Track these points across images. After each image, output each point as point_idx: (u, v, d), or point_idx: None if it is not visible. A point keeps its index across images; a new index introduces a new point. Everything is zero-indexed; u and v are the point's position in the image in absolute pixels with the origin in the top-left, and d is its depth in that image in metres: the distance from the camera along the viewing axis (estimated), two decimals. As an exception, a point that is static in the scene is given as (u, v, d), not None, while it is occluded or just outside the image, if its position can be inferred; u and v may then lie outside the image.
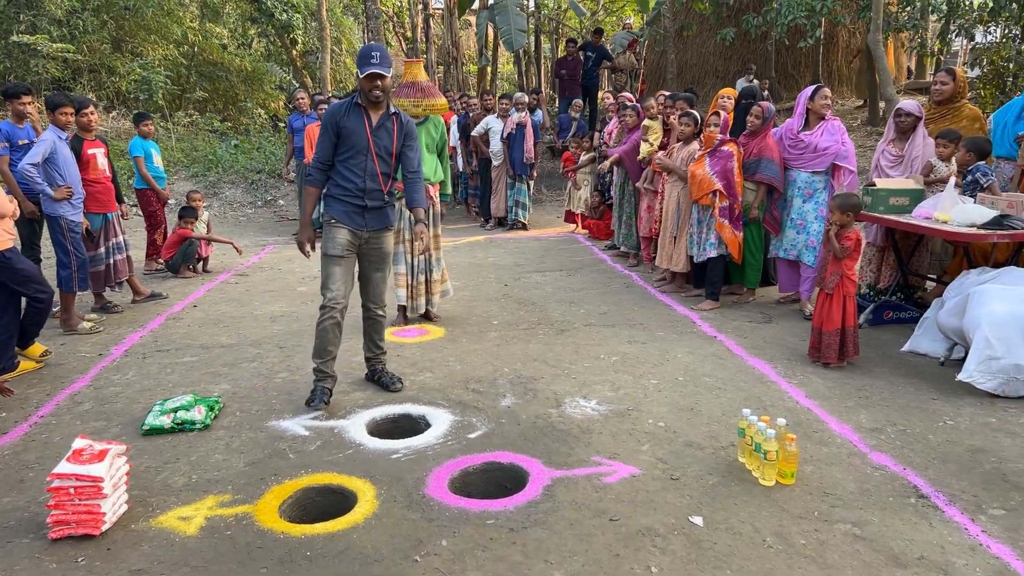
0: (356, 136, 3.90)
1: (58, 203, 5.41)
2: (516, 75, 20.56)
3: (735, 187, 5.82)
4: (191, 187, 12.66)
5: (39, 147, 5.26)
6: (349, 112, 3.92)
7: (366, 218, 4.04)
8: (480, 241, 9.41)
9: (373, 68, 3.78)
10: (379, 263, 4.21)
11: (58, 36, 15.81)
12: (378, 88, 3.84)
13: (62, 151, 5.43)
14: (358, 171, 3.94)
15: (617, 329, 5.49)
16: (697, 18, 14.72)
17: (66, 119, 5.51)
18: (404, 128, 4.06)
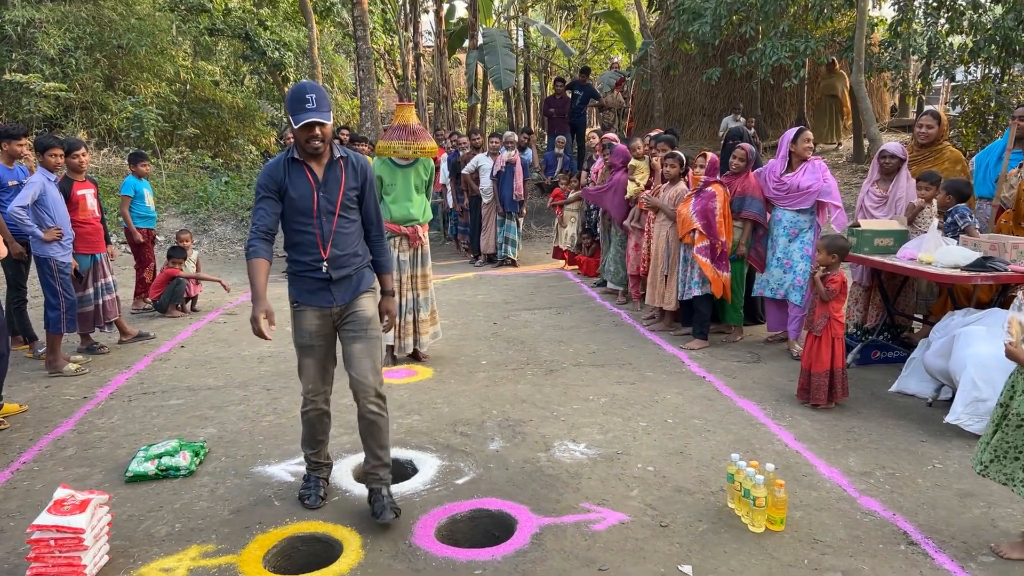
0: (302, 197, 3.16)
1: (48, 245, 5.39)
2: (506, 112, 20.80)
3: (715, 226, 5.87)
4: (181, 224, 12.67)
5: (28, 189, 5.27)
6: (288, 170, 3.18)
7: (334, 292, 3.26)
8: (469, 278, 9.43)
9: (310, 116, 3.04)
10: (360, 331, 3.29)
11: (51, 74, 15.91)
12: (317, 139, 3.10)
13: (51, 193, 5.43)
14: (311, 239, 3.20)
15: (606, 369, 5.48)
16: (683, 58, 14.96)
17: (55, 161, 5.54)
18: (356, 171, 3.30)
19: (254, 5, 21.94)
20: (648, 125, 16.19)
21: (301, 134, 3.10)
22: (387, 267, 3.49)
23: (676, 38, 12.90)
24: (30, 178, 5.41)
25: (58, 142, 5.61)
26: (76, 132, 16.19)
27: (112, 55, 17.64)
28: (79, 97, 16.75)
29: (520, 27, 19.67)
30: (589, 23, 19.92)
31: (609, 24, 15.28)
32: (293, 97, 3.07)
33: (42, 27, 16.00)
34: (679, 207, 6.17)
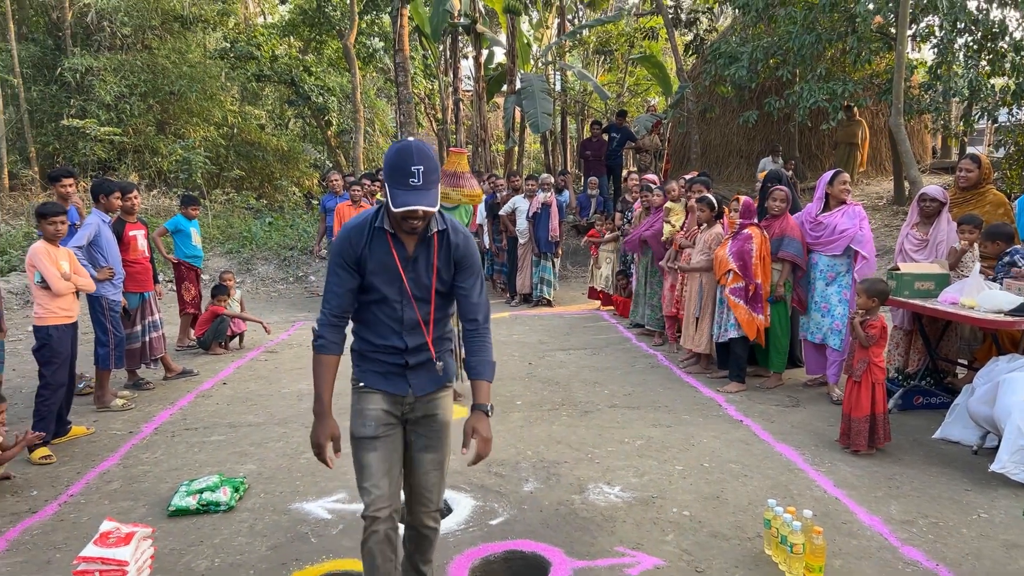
0: (384, 276, 2.53)
1: (100, 283, 5.60)
2: (543, 155, 21.07)
3: (751, 268, 5.86)
4: (226, 264, 13.00)
5: (84, 231, 5.49)
6: (371, 239, 2.52)
7: (411, 380, 2.63)
8: (505, 318, 9.49)
9: (413, 201, 2.33)
10: (434, 438, 2.68)
11: (106, 119, 16.62)
12: (417, 218, 2.43)
13: (105, 234, 5.65)
14: (390, 322, 2.57)
15: (642, 411, 5.46)
16: (720, 100, 15.04)
17: (116, 204, 5.78)
18: (452, 249, 2.59)
19: (300, 52, 22.70)
20: (685, 167, 16.23)
21: (397, 215, 2.43)
22: (485, 373, 2.63)
23: (713, 81, 13.00)
24: (86, 219, 5.64)
25: (117, 186, 5.87)
26: (128, 174, 16.82)
27: (164, 100, 18.38)
28: (132, 141, 17.42)
29: (557, 71, 20.01)
30: (626, 67, 20.17)
31: (645, 68, 15.48)
32: (396, 164, 2.35)
33: (100, 74, 16.76)
34: (717, 250, 6.18)
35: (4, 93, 16.53)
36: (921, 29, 11.36)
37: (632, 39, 17.76)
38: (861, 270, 5.58)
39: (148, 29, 18.51)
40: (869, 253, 5.59)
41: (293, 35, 22.53)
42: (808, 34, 11.27)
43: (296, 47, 23.00)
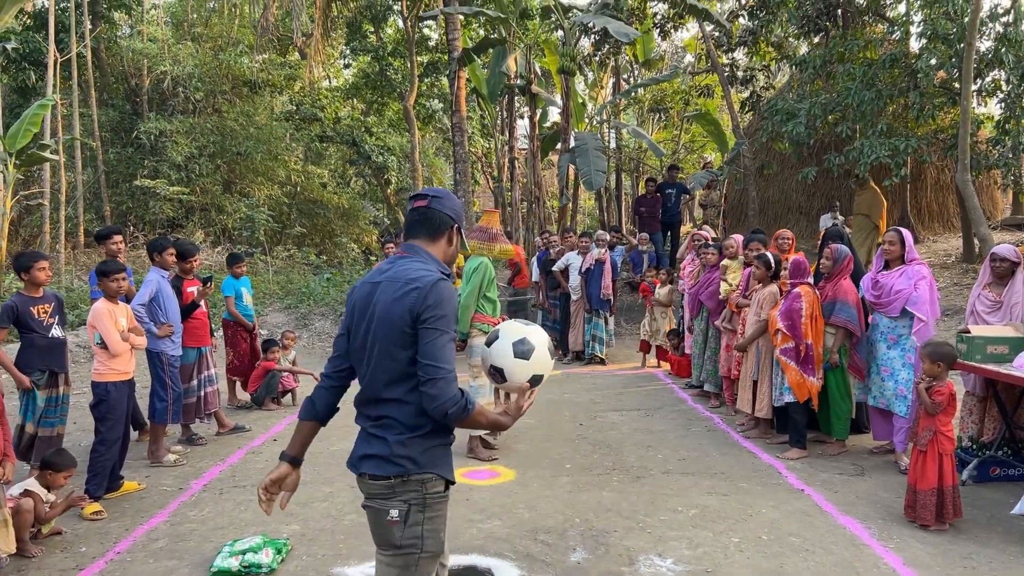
0: None
1: (160, 339, 5.72)
2: (597, 211, 21.11)
3: (800, 327, 5.65)
4: (284, 319, 13.25)
5: (145, 288, 5.64)
6: None
7: None
8: (556, 376, 9.36)
9: None
10: None
11: (176, 179, 17.36)
12: None
13: (165, 290, 5.81)
14: None
15: (697, 478, 5.25)
16: (777, 157, 14.88)
17: (170, 260, 5.96)
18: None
19: (362, 114, 23.50)
20: (742, 224, 16.00)
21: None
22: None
23: (770, 138, 12.88)
24: (146, 277, 5.80)
25: (171, 243, 6.07)
26: (195, 232, 17.44)
27: (231, 161, 19.13)
28: (199, 200, 18.12)
29: (612, 129, 20.17)
30: (681, 124, 20.21)
31: (701, 126, 15.46)
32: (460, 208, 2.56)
33: (172, 137, 17.57)
34: (771, 310, 6.00)
35: (84, 155, 17.45)
36: (987, 84, 11.09)
37: (687, 97, 17.80)
38: (919, 332, 5.33)
39: (219, 93, 19.41)
40: (925, 314, 5.32)
41: (356, 98, 23.39)
42: (868, 90, 11.11)
43: (359, 109, 23.84)
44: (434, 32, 23.11)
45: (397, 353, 2.31)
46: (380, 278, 2.41)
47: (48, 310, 5.24)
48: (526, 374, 2.48)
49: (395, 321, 2.30)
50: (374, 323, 2.35)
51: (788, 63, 14.94)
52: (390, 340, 2.32)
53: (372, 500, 2.36)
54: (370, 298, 2.39)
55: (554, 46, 15.08)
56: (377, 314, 2.35)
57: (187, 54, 19.16)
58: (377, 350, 2.34)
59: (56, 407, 5.27)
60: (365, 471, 2.34)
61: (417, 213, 2.49)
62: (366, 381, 2.40)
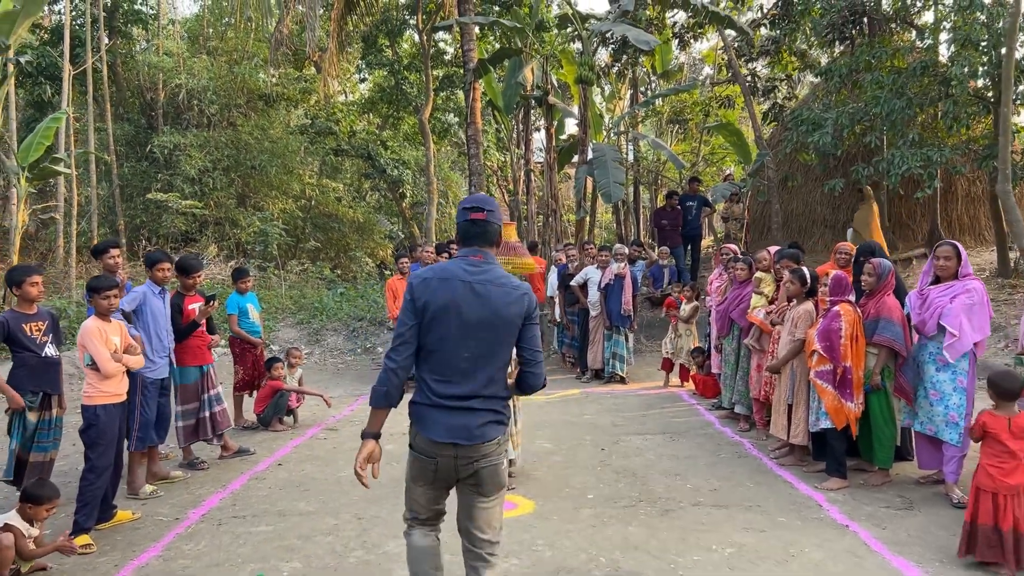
0: None
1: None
2: (615, 224, 20.74)
3: (838, 349, 5.26)
4: (296, 334, 12.98)
5: (130, 295, 5.33)
6: None
7: None
8: (575, 395, 8.98)
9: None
10: None
11: (190, 192, 17.19)
12: None
13: (152, 306, 5.46)
14: None
15: (731, 511, 4.85)
16: (802, 168, 14.47)
17: (163, 275, 5.60)
18: None
19: (377, 128, 23.35)
20: (765, 237, 15.57)
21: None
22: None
23: (794, 149, 12.48)
24: (135, 288, 5.49)
25: (166, 257, 5.70)
26: (208, 246, 17.25)
27: (246, 174, 18.96)
28: (213, 213, 17.95)
29: (630, 142, 19.83)
30: (700, 136, 19.84)
31: (723, 136, 15.10)
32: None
33: (186, 150, 17.43)
34: (808, 329, 5.61)
35: (98, 170, 17.35)
36: (1021, 92, 10.66)
37: (707, 108, 17.44)
38: (950, 347, 4.96)
39: (234, 107, 19.29)
40: (956, 328, 4.93)
41: (372, 112, 23.25)
42: (898, 98, 10.71)
43: (374, 123, 23.69)
44: (449, 46, 22.96)
45: (509, 342, 2.96)
46: (472, 279, 2.90)
47: (41, 327, 4.96)
48: None
49: (512, 319, 2.91)
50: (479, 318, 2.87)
51: (812, 72, 14.57)
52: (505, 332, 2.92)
53: (489, 459, 2.91)
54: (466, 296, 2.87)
55: (571, 57, 14.80)
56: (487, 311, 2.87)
57: (202, 67, 19.07)
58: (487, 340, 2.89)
59: (49, 430, 4.97)
60: (491, 437, 2.91)
61: (478, 225, 2.96)
62: (464, 366, 2.87)
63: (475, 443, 2.86)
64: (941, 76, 10.83)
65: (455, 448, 2.85)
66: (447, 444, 2.84)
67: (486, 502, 2.95)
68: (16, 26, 13.23)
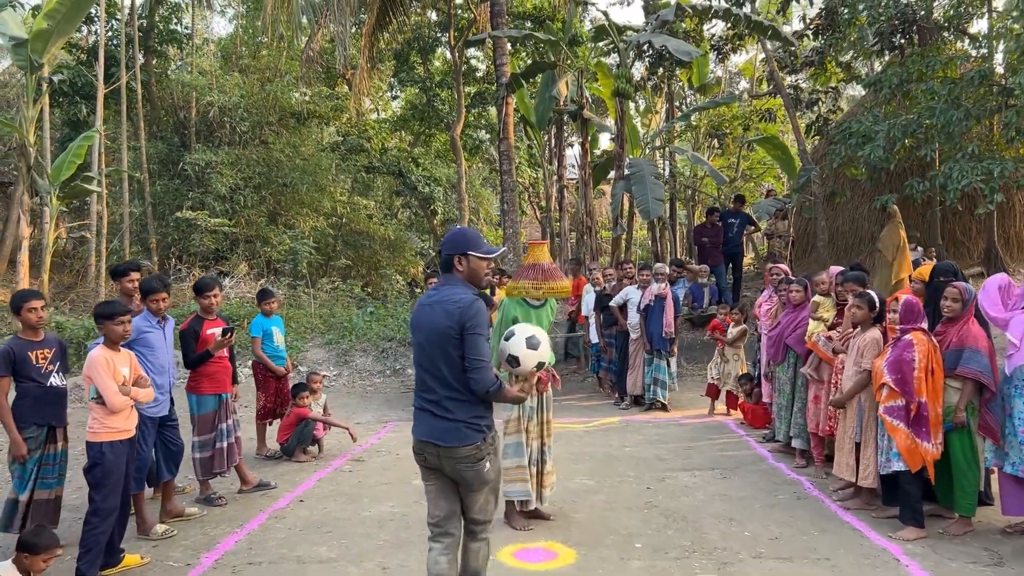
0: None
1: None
2: (650, 242, 20.22)
3: (911, 382, 4.75)
4: (325, 355, 12.67)
5: None
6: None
7: None
8: (615, 424, 8.49)
9: (498, 250, 3.68)
10: None
11: (221, 210, 17.08)
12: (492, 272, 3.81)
13: (150, 340, 5.05)
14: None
15: (796, 565, 4.34)
16: (848, 183, 13.88)
17: (156, 306, 5.15)
18: None
19: (409, 145, 23.17)
20: (809, 256, 14.98)
21: (484, 265, 3.50)
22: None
23: (842, 163, 11.91)
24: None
25: (162, 287, 5.21)
26: (238, 264, 17.09)
27: (277, 192, 18.84)
28: (244, 231, 17.81)
29: (666, 157, 19.35)
30: (739, 151, 19.29)
31: (766, 151, 14.56)
32: (470, 234, 3.54)
33: (217, 168, 17.35)
34: (876, 360, 5.10)
35: (131, 188, 17.36)
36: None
37: (747, 122, 16.90)
38: (1011, 358, 4.54)
39: (266, 125, 19.22)
40: (1018, 337, 4.47)
41: (404, 129, 23.09)
42: (955, 109, 10.12)
43: (406, 140, 23.52)
44: (481, 63, 22.74)
45: (450, 352, 3.33)
46: (428, 301, 3.49)
47: (48, 355, 4.65)
48: (534, 361, 3.52)
49: (447, 331, 3.32)
50: (427, 333, 3.40)
51: (858, 83, 14.02)
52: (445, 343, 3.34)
53: (468, 462, 3.35)
54: (422, 316, 3.47)
55: (606, 70, 14.41)
56: (431, 325, 3.38)
57: (233, 85, 19.05)
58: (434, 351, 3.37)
59: (54, 465, 4.66)
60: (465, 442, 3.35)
61: (439, 258, 3.66)
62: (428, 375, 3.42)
63: (451, 446, 3.32)
64: (1000, 86, 10.24)
65: (435, 447, 3.35)
66: (427, 443, 3.38)
67: (474, 493, 3.44)
68: (49, 45, 13.24)
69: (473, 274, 3.46)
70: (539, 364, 3.55)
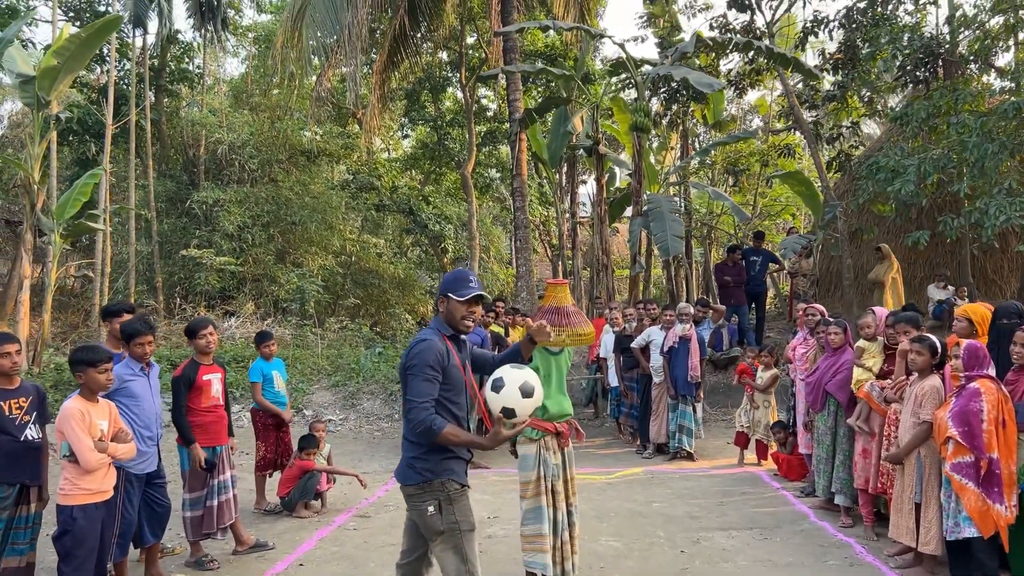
0: (458, 376, 3.45)
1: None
2: (664, 280, 19.76)
3: (980, 435, 4.24)
4: (331, 398, 12.19)
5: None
6: (447, 348, 3.44)
7: (467, 469, 3.59)
8: (639, 475, 7.94)
9: (479, 291, 3.46)
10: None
11: (228, 249, 16.78)
12: (476, 315, 3.52)
13: (132, 390, 4.59)
14: (461, 417, 3.49)
15: (862, 650, 3.79)
16: (873, 220, 13.42)
17: (142, 351, 4.70)
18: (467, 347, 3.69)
19: (419, 183, 22.97)
20: (833, 295, 14.47)
21: (462, 308, 3.40)
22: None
23: (868, 199, 11.48)
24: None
25: (146, 329, 4.77)
26: (245, 303, 16.73)
27: (286, 230, 18.56)
28: (251, 270, 17.48)
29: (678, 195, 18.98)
30: (756, 188, 18.91)
31: (790, 186, 14.16)
32: (458, 276, 3.45)
33: (225, 206, 17.10)
34: (937, 411, 4.59)
35: (138, 227, 17.11)
36: None
37: (766, 158, 16.53)
38: None
39: (275, 163, 19.03)
40: None
41: (415, 168, 22.91)
42: (989, 142, 9.70)
43: (417, 179, 23.32)
44: (492, 103, 22.61)
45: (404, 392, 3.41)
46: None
47: (23, 405, 4.20)
48: (531, 408, 3.30)
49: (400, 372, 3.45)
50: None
51: (881, 118, 13.65)
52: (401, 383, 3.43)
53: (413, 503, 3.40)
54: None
55: (622, 105, 14.12)
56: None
57: (242, 122, 18.92)
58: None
59: (25, 529, 4.17)
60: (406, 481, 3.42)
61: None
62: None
63: (399, 482, 3.44)
64: (1035, 118, 9.83)
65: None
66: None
67: (432, 542, 3.36)
68: (57, 83, 13.06)
69: (449, 315, 3.44)
70: (535, 411, 3.43)
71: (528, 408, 3.28)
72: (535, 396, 3.28)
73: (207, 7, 19.12)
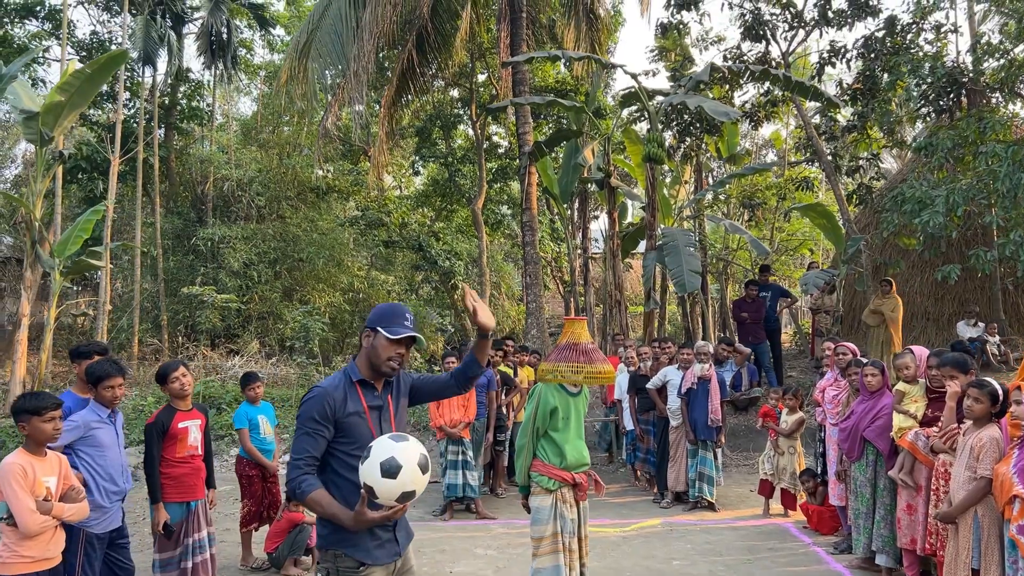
0: (361, 426, 2.87)
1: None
2: (679, 317, 19.24)
3: (1050, 493, 3.72)
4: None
5: (67, 435, 3.96)
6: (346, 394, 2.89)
7: (398, 538, 2.92)
8: (656, 528, 7.37)
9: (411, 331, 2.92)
10: None
11: (233, 286, 16.47)
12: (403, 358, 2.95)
13: (97, 438, 4.18)
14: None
15: None
16: (898, 253, 12.92)
17: (111, 394, 4.28)
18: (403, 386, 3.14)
19: (430, 220, 22.71)
20: (855, 332, 13.90)
21: (391, 349, 2.88)
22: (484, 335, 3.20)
23: (894, 232, 11.00)
24: (71, 417, 4.12)
25: (117, 370, 4.35)
26: (249, 342, 16.36)
27: (292, 267, 18.27)
28: (256, 307, 17.15)
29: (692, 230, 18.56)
30: (773, 221, 18.46)
31: (811, 219, 13.71)
32: (391, 311, 2.97)
33: (231, 243, 16.83)
34: (997, 466, 4.06)
35: (143, 264, 16.88)
36: None
37: (783, 192, 16.10)
38: None
39: (283, 199, 18.84)
40: None
41: (425, 205, 22.68)
42: (1021, 172, 9.23)
43: (427, 216, 23.08)
44: (503, 139, 22.44)
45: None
46: None
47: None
48: (395, 493, 2.56)
49: None
50: None
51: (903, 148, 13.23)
52: None
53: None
54: None
55: (634, 137, 13.80)
56: None
57: (250, 159, 18.79)
58: None
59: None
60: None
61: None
62: None
63: None
64: (1074, 146, 9.38)
65: None
66: None
67: None
68: (61, 119, 12.92)
69: (373, 352, 2.90)
70: (403, 496, 2.57)
71: (390, 491, 2.54)
72: (399, 479, 2.52)
73: (217, 45, 19.13)
